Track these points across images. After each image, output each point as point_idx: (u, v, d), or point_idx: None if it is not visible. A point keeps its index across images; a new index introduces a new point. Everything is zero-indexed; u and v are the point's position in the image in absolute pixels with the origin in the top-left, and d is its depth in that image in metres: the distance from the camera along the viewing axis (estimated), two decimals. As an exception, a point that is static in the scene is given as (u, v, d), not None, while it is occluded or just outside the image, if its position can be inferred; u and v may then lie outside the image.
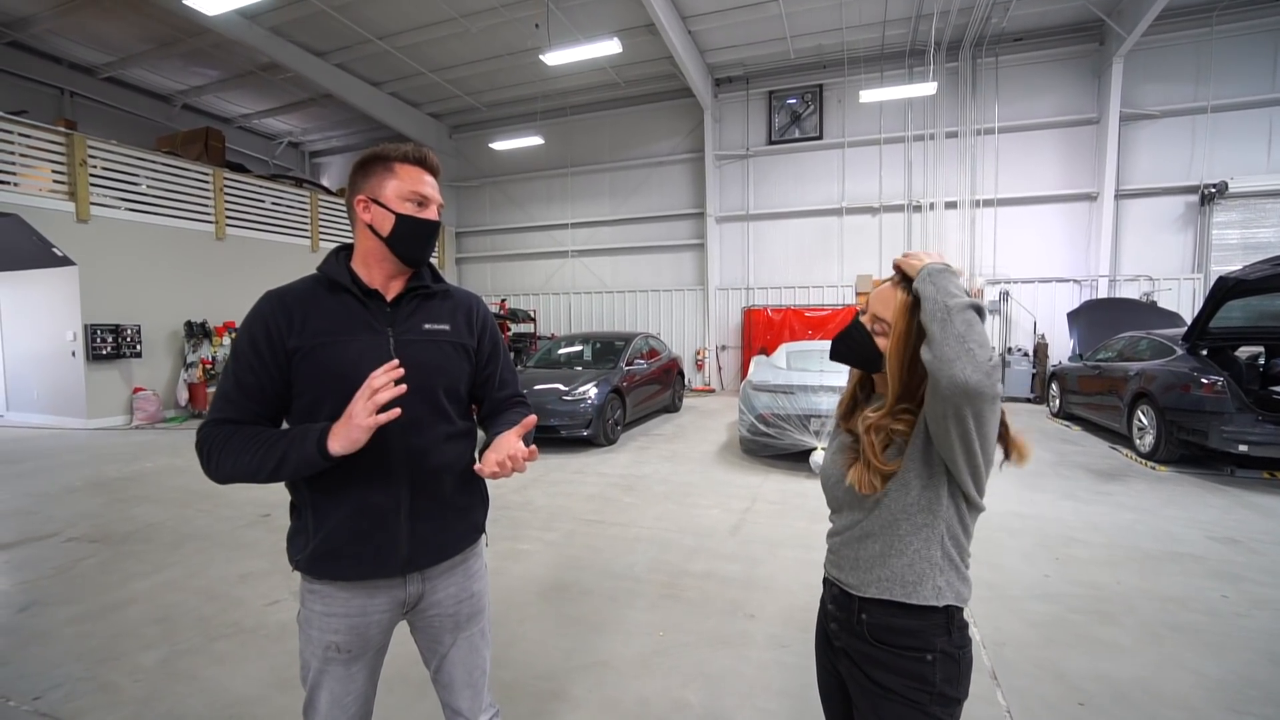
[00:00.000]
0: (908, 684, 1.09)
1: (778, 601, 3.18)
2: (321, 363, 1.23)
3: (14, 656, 2.73)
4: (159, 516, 4.71)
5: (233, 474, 1.19)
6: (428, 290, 1.37)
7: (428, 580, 1.36)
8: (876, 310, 1.15)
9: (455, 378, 1.37)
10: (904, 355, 1.09)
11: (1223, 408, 5.30)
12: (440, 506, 1.34)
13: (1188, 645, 2.72)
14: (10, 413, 9.77)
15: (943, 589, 1.10)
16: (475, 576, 1.45)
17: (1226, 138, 9.89)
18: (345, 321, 1.26)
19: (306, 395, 1.24)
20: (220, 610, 3.14)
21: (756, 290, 12.90)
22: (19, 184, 8.06)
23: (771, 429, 5.99)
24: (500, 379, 1.48)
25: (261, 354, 1.22)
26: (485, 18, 10.43)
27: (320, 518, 1.26)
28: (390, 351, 1.27)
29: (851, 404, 1.28)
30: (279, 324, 1.22)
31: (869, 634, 1.14)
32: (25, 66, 11.60)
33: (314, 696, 1.30)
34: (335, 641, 1.28)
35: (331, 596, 1.28)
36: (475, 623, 1.44)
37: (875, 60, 11.59)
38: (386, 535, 1.27)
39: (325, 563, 1.26)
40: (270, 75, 12.70)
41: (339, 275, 1.29)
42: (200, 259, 10.16)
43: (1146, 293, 10.24)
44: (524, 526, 4.44)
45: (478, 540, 1.47)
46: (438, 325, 1.35)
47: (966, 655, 1.12)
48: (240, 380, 1.22)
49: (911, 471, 1.10)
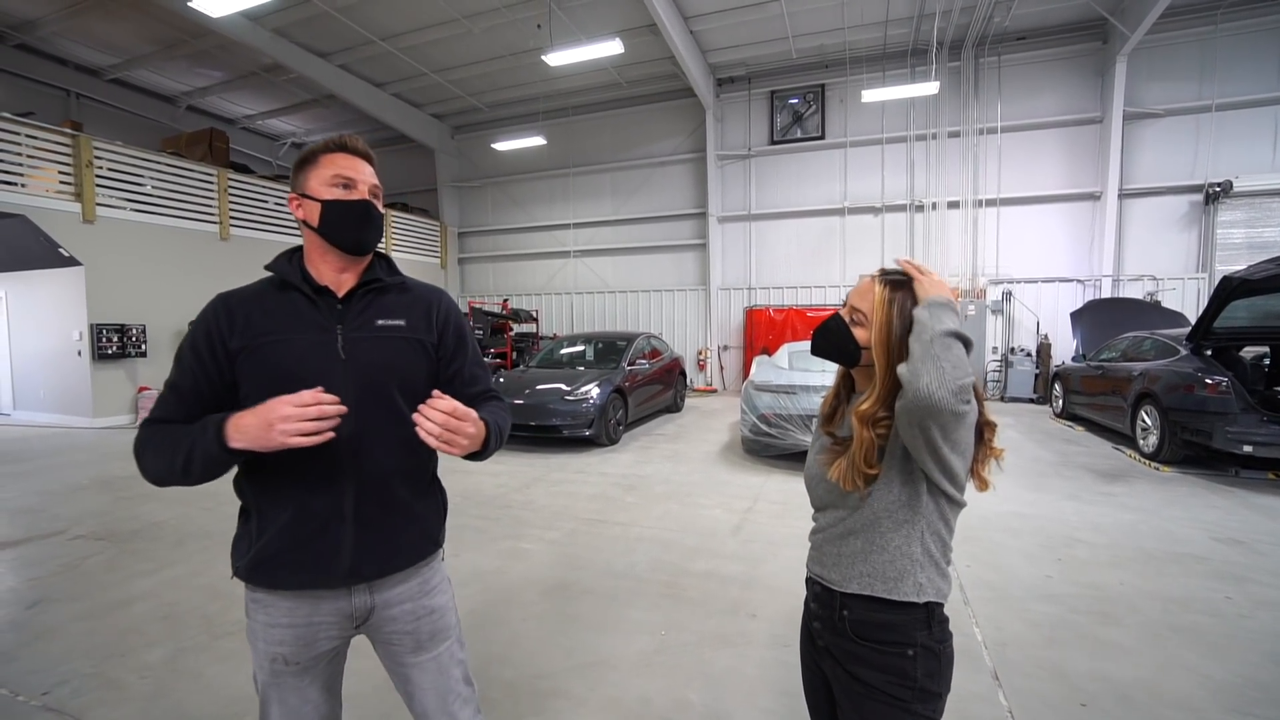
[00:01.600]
0: (889, 680, 1.10)
1: (779, 601, 3.18)
2: (265, 361, 1.20)
3: (22, 652, 2.75)
4: (163, 515, 4.74)
5: (157, 472, 1.16)
6: (381, 284, 1.31)
7: (376, 593, 1.28)
8: (854, 302, 1.17)
9: (411, 376, 1.30)
10: (886, 342, 1.10)
11: (1227, 408, 5.28)
12: (389, 514, 1.27)
13: (1190, 646, 2.72)
14: (17, 411, 9.84)
15: (923, 585, 1.11)
16: (434, 591, 1.36)
17: (1231, 136, 9.85)
18: (291, 320, 1.23)
19: (252, 395, 1.17)
20: (224, 608, 3.16)
21: (758, 290, 12.90)
22: (26, 185, 8.12)
23: (773, 429, 6.00)
24: (469, 375, 1.41)
25: (201, 357, 1.20)
26: (488, 19, 10.46)
27: (263, 523, 1.21)
28: (338, 350, 1.23)
29: (834, 406, 1.28)
30: (220, 326, 1.21)
31: (851, 630, 1.15)
32: (32, 69, 11.69)
33: (266, 711, 1.26)
34: (281, 654, 1.23)
35: (274, 606, 1.23)
36: (439, 642, 1.34)
37: (877, 60, 11.58)
38: (327, 542, 1.21)
39: (265, 570, 1.21)
40: (274, 76, 12.76)
41: (289, 274, 1.26)
42: (204, 259, 10.20)
43: (1150, 292, 10.20)
44: (526, 525, 4.45)
45: (434, 553, 1.38)
46: (391, 320, 1.30)
47: (948, 650, 1.13)
48: (178, 383, 1.21)
49: (893, 470, 1.11)
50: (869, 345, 1.12)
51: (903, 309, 1.09)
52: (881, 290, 1.12)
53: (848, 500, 1.16)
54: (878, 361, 1.11)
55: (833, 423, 1.26)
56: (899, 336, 1.08)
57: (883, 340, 1.10)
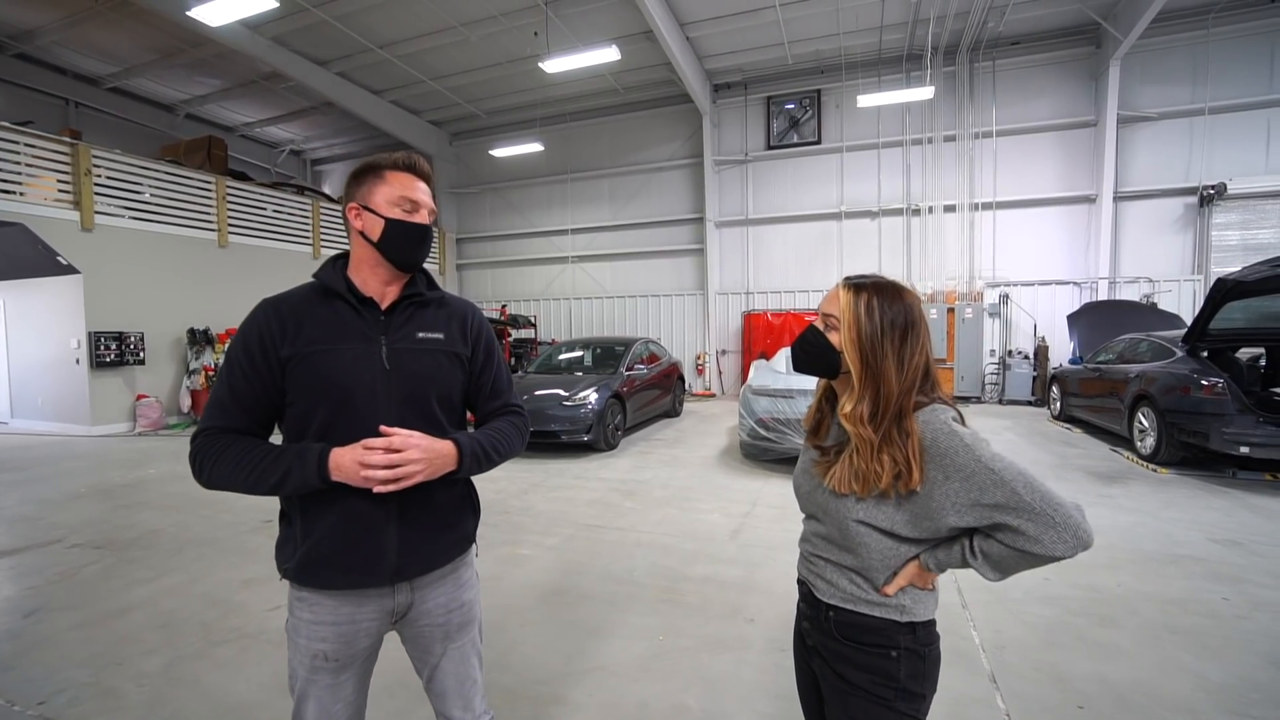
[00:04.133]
0: (873, 679, 1.12)
1: (777, 606, 3.18)
2: (314, 371, 1.23)
3: (19, 661, 2.74)
4: (161, 523, 4.73)
5: (226, 485, 1.19)
6: (422, 298, 1.37)
7: (416, 590, 1.35)
8: (825, 309, 1.19)
9: (448, 386, 1.36)
10: (857, 340, 1.12)
11: (1223, 409, 5.30)
12: (430, 516, 1.33)
13: (1188, 648, 2.72)
14: (15, 419, 9.81)
15: (907, 606, 1.13)
16: (465, 586, 1.44)
17: (1225, 139, 9.91)
18: (339, 330, 1.27)
19: (299, 403, 1.24)
20: (222, 616, 3.16)
21: (756, 295, 12.93)
22: (25, 193, 8.12)
23: (771, 433, 6.00)
24: (493, 389, 1.47)
25: (255, 361, 1.22)
26: (485, 26, 10.52)
27: (309, 525, 1.25)
28: (383, 361, 1.27)
29: (818, 419, 1.29)
30: (273, 332, 1.23)
31: (835, 630, 1.17)
32: (31, 78, 11.73)
33: (301, 706, 1.29)
34: (323, 650, 1.27)
35: (319, 605, 1.27)
36: (466, 633, 1.43)
37: (873, 65, 11.65)
38: (375, 544, 1.26)
39: (313, 571, 1.26)
40: (272, 84, 12.81)
41: (335, 283, 1.29)
42: (203, 267, 10.22)
43: (1146, 294, 10.24)
44: (524, 531, 4.45)
45: (468, 550, 1.46)
46: (431, 334, 1.35)
47: (933, 652, 1.14)
48: (234, 387, 1.22)
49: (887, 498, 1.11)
50: (843, 349, 1.14)
51: (869, 306, 1.12)
52: (847, 293, 1.15)
53: (838, 510, 1.16)
54: (851, 359, 1.13)
55: (819, 435, 1.28)
56: (869, 334, 1.11)
57: (854, 339, 1.12)
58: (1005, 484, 0.99)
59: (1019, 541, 0.99)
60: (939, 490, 1.05)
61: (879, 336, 1.11)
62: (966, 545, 1.08)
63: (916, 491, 1.06)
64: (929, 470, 1.05)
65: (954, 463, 1.03)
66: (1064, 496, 1.00)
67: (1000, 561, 1.04)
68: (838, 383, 1.22)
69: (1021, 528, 0.98)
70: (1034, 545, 0.98)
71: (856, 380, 1.12)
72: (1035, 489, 0.98)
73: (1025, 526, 0.98)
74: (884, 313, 1.12)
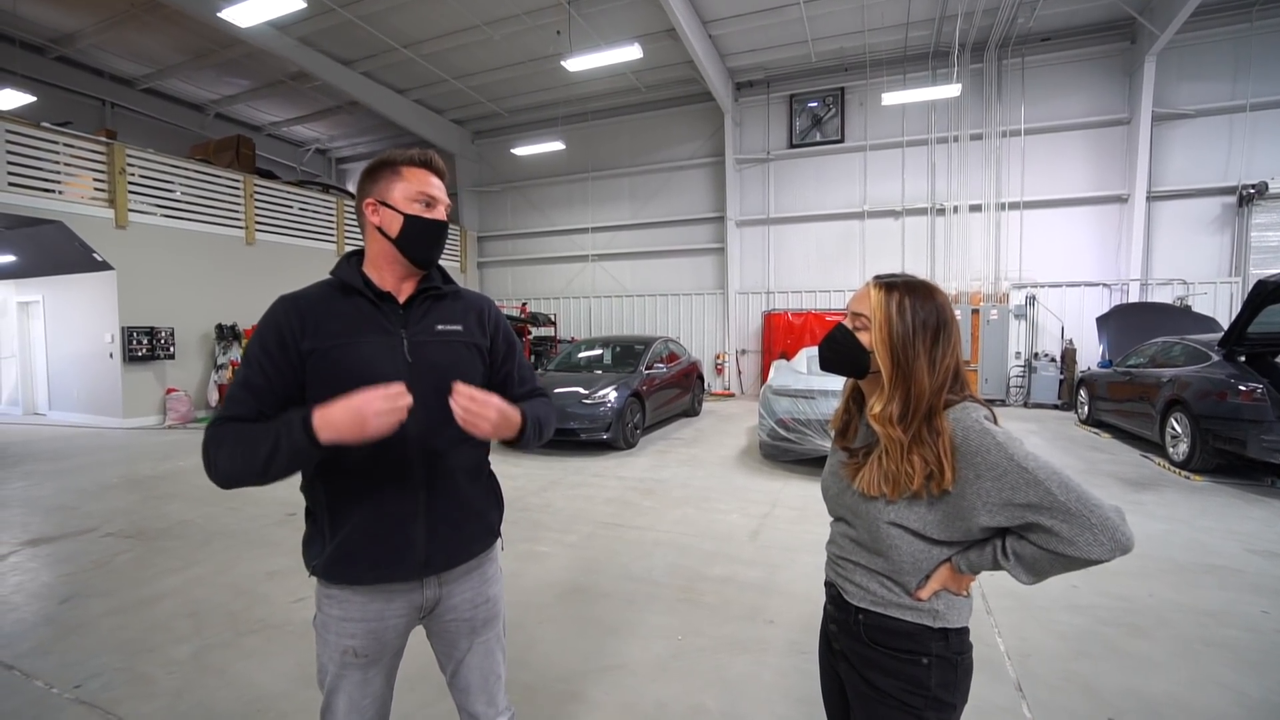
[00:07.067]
0: (902, 686, 1.09)
1: (797, 607, 3.15)
2: (336, 364, 1.23)
3: (56, 646, 2.83)
4: (190, 514, 4.85)
5: (230, 471, 1.15)
6: (439, 291, 1.38)
7: (444, 584, 1.36)
8: (855, 308, 1.18)
9: (470, 377, 1.34)
10: (888, 340, 1.10)
11: (1262, 416, 5.12)
12: (457, 508, 1.34)
13: (1225, 662, 2.63)
14: (53, 412, 10.15)
15: (940, 611, 1.10)
16: (491, 581, 1.45)
17: (1267, 136, 9.56)
18: (358, 323, 1.27)
19: (317, 398, 1.20)
20: (248, 606, 3.23)
21: (777, 294, 12.83)
22: (63, 192, 8.39)
23: (792, 434, 5.95)
24: (519, 376, 1.49)
25: (273, 357, 1.22)
26: (508, 25, 10.58)
27: (337, 522, 1.26)
28: (404, 353, 1.28)
29: (846, 420, 1.27)
30: (292, 327, 1.23)
31: (865, 635, 1.14)
32: (71, 79, 12.11)
33: (331, 701, 1.30)
34: (352, 646, 1.28)
35: (348, 601, 1.28)
36: (491, 627, 1.44)
37: (898, 62, 11.47)
38: (404, 538, 1.27)
39: (342, 567, 1.26)
40: (299, 84, 13.04)
41: (351, 278, 1.30)
42: (231, 263, 10.45)
43: (1180, 297, 9.94)
44: (543, 529, 4.47)
45: (494, 544, 1.47)
46: (450, 326, 1.37)
47: (965, 661, 1.11)
48: (249, 382, 1.22)
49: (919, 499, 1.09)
50: (874, 349, 1.12)
51: (901, 306, 1.10)
52: (879, 293, 1.13)
53: (868, 512, 1.14)
54: (881, 360, 1.11)
55: (846, 436, 1.26)
56: (901, 334, 1.09)
57: (884, 339, 1.11)
58: (1039, 483, 0.96)
59: (1052, 543, 0.97)
60: (970, 489, 1.02)
61: (910, 337, 1.09)
62: (998, 546, 1.05)
63: (949, 491, 1.04)
64: (961, 469, 1.03)
65: (986, 461, 1.01)
66: (1102, 498, 0.97)
67: (1033, 563, 1.01)
68: (866, 383, 1.20)
69: (1055, 529, 0.96)
70: (1068, 547, 0.95)
71: (887, 381, 1.10)
72: (1070, 489, 0.95)
73: (1059, 527, 0.95)
74: (916, 313, 1.09)
